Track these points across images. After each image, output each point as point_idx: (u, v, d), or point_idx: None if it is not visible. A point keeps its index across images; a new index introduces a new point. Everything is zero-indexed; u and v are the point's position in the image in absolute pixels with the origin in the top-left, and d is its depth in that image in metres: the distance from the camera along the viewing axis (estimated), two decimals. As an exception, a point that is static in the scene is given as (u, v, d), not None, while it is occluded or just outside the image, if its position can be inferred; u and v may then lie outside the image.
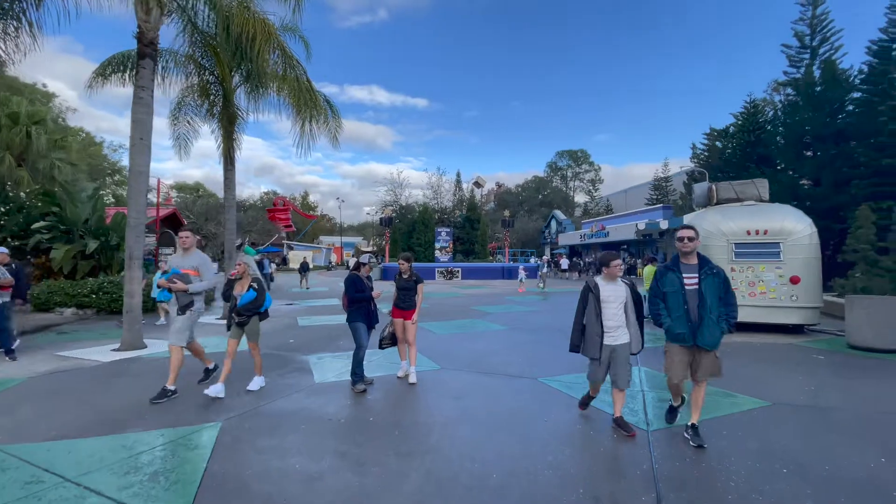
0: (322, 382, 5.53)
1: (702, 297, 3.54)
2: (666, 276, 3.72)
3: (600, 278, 4.00)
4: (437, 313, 11.92)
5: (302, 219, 54.24)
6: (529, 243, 53.01)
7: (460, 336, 8.72)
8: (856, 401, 4.73)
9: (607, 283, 3.92)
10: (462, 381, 5.53)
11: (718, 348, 3.58)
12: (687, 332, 3.56)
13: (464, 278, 27.06)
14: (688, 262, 3.68)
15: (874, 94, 18.24)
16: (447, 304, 14.44)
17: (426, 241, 31.12)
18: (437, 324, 10.08)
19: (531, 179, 73.80)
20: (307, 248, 43.63)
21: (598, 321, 3.84)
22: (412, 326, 5.61)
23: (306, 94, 9.86)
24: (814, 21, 22.77)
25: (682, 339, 3.58)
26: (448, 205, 36.75)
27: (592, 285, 3.94)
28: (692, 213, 10.52)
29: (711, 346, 3.53)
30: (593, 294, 3.90)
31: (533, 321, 10.76)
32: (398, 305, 5.69)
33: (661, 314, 3.70)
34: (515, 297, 16.76)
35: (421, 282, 5.69)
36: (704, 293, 3.54)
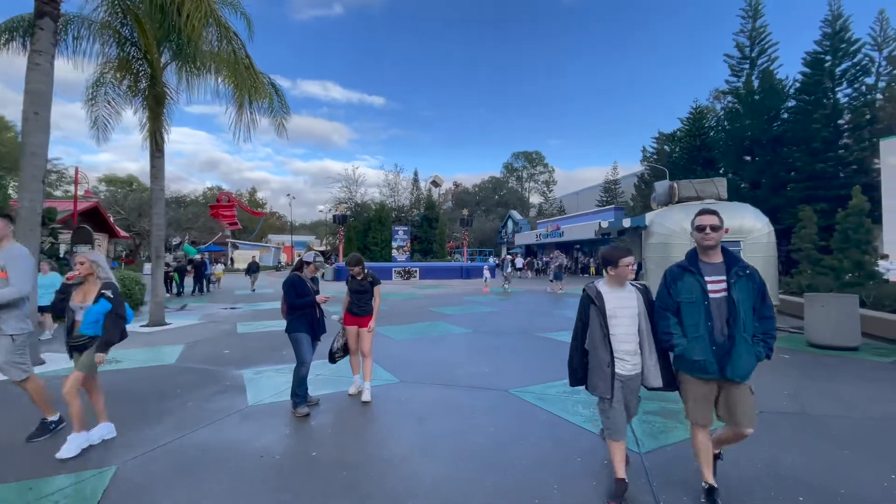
0: (257, 405, 4.63)
1: (732, 308, 2.54)
2: (681, 279, 2.69)
3: (603, 283, 2.89)
4: (395, 316, 11.14)
5: (249, 216, 51.31)
6: (487, 243, 53.16)
7: (420, 342, 8.01)
8: (840, 406, 4.50)
9: (614, 289, 2.83)
10: (424, 398, 4.83)
11: None
12: (710, 360, 2.55)
13: (422, 278, 26.34)
14: (710, 261, 2.68)
15: (808, 103, 19.49)
16: (405, 305, 13.68)
17: (383, 239, 30.10)
18: (395, 328, 9.32)
19: (488, 180, 74.27)
20: (254, 248, 41.10)
21: (605, 344, 2.74)
22: (368, 335, 4.85)
23: (245, 73, 8.75)
24: (753, 33, 24.05)
25: (703, 368, 2.57)
26: (405, 203, 35.85)
27: (594, 294, 2.83)
28: (654, 211, 10.43)
29: (744, 378, 2.55)
30: (596, 306, 2.79)
31: (495, 323, 10.25)
32: (351, 311, 4.92)
33: (672, 333, 2.65)
34: (476, 297, 16.28)
35: (377, 283, 4.95)
36: (737, 303, 2.53)
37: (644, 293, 2.86)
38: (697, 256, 2.73)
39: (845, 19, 18.10)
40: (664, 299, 2.76)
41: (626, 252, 2.81)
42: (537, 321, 10.48)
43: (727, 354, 2.53)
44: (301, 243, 52.34)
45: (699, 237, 2.72)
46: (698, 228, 2.72)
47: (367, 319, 4.86)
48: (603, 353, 2.74)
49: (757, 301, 2.60)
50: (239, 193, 67.60)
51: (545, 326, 9.58)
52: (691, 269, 2.69)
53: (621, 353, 2.75)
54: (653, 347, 2.77)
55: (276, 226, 71.17)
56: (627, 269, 2.80)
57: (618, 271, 2.81)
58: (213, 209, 44.39)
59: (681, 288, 2.68)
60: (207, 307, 13.80)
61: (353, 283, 4.92)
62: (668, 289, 2.75)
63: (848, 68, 18.24)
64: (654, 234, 9.63)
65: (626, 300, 2.81)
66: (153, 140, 10.58)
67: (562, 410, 4.35)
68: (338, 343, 4.98)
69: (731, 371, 2.52)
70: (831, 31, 18.34)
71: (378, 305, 4.95)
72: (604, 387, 2.72)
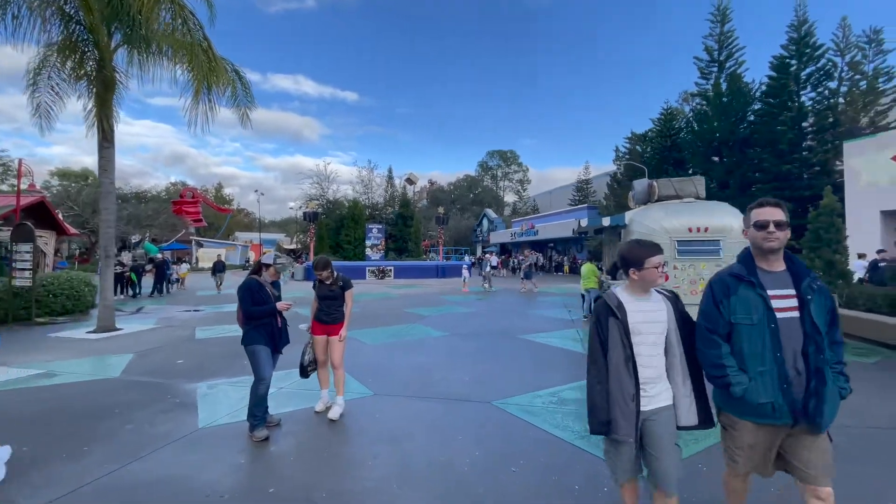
0: (209, 426, 4.07)
1: (811, 333, 1.90)
2: (735, 293, 2.00)
3: (622, 289, 2.21)
4: (369, 318, 10.61)
5: (215, 213, 49.23)
6: (462, 241, 52.93)
7: (395, 346, 7.54)
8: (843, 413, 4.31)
9: (637, 297, 2.15)
10: (400, 413, 4.38)
11: None
12: (780, 402, 1.90)
13: (397, 277, 25.77)
14: (771, 269, 2.01)
15: (775, 105, 20.03)
16: (379, 306, 13.14)
17: (356, 238, 29.31)
18: (368, 332, 8.80)
19: (463, 178, 74.10)
20: (220, 246, 39.37)
21: (628, 369, 2.06)
22: (338, 345, 4.36)
23: (202, 56, 8.03)
24: (721, 37, 24.59)
25: (769, 413, 1.92)
26: (380, 201, 35.10)
27: (614, 303, 2.13)
28: (634, 210, 10.29)
29: (828, 425, 1.92)
30: (617, 319, 2.09)
31: (474, 325, 9.88)
32: (319, 319, 4.41)
33: (726, 366, 1.96)
34: (453, 296, 15.89)
35: (349, 287, 4.46)
36: (817, 327, 1.90)
37: (674, 302, 2.21)
38: (754, 261, 2.04)
39: (810, 25, 18.68)
40: (713, 318, 2.02)
41: (653, 249, 2.10)
42: (516, 322, 10.18)
43: (808, 395, 1.88)
44: (270, 241, 50.64)
45: (760, 237, 1.97)
46: (759, 225, 1.97)
47: (337, 327, 4.37)
48: (626, 381, 2.03)
49: (830, 323, 1.97)
50: (204, 189, 64.85)
51: (525, 328, 9.28)
52: (750, 279, 1.97)
53: (647, 380, 2.08)
54: (686, 373, 2.12)
55: (244, 223, 68.76)
56: (656, 273, 2.06)
57: (643, 274, 2.08)
58: (177, 205, 42.20)
59: (735, 304, 1.98)
60: (166, 309, 12.87)
61: (322, 287, 4.42)
62: (719, 305, 2.01)
63: (812, 72, 18.83)
64: (633, 232, 9.47)
65: (653, 312, 2.12)
66: (101, 128, 9.65)
67: (551, 426, 3.99)
68: (308, 355, 4.47)
69: (813, 417, 1.86)
70: (797, 37, 18.89)
71: (350, 311, 4.47)
72: (626, 426, 2.01)
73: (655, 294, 2.19)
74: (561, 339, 8.07)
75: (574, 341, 7.95)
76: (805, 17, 18.83)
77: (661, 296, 2.21)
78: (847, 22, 18.03)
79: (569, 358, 6.73)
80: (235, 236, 53.97)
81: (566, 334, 8.63)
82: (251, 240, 46.78)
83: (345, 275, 4.56)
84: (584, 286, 10.82)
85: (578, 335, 8.56)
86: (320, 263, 4.36)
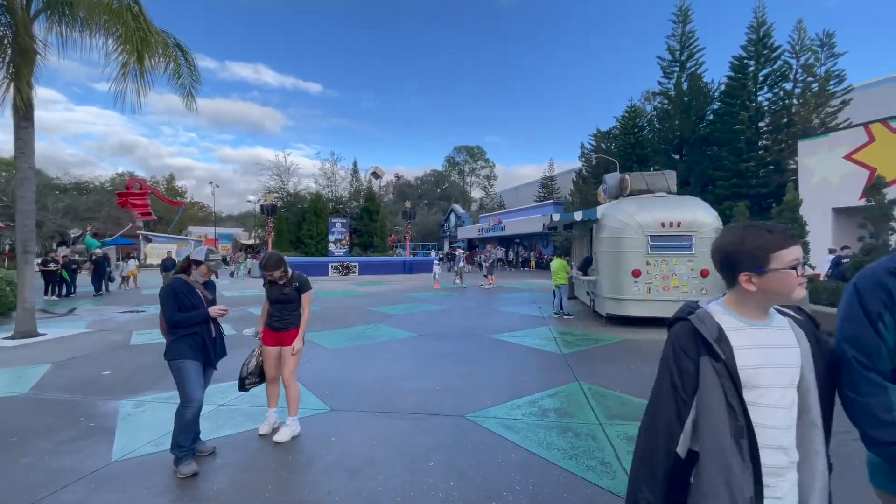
0: (126, 458, 3.35)
1: None
2: None
3: (720, 307, 1.31)
4: (329, 318, 9.89)
5: (166, 206, 46.32)
6: (429, 236, 52.36)
7: (358, 350, 6.92)
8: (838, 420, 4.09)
9: (751, 322, 1.26)
10: (361, 433, 3.80)
11: None
12: None
13: (361, 274, 24.90)
14: None
15: (733, 105, 20.60)
16: (342, 305, 12.40)
17: (318, 232, 28.10)
18: (328, 334, 8.12)
19: (430, 173, 73.33)
20: (170, 241, 36.89)
21: (741, 452, 1.14)
22: (292, 359, 3.71)
23: (132, 23, 7.05)
24: (683, 38, 25.07)
25: None
26: (344, 194, 33.88)
27: (712, 334, 1.22)
28: (606, 204, 10.09)
29: None
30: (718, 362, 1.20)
31: (443, 324, 9.37)
32: (271, 325, 3.76)
33: None
34: (420, 293, 15.33)
35: (306, 289, 3.80)
36: None
37: (808, 328, 1.29)
38: None
39: (768, 26, 19.27)
40: (868, 346, 1.23)
41: (783, 236, 1.20)
42: (487, 320, 9.76)
43: None
44: (227, 236, 48.17)
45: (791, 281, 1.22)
46: None
47: (291, 335, 3.73)
48: (738, 475, 1.13)
49: None
50: (154, 181, 61.06)
51: (496, 326, 8.87)
52: None
53: (771, 469, 1.19)
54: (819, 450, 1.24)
55: (198, 217, 65.21)
56: (792, 279, 1.19)
57: (768, 281, 1.20)
58: (122, 197, 39.30)
59: None
60: (103, 311, 11.62)
61: (273, 289, 3.77)
62: (875, 323, 1.22)
63: (769, 73, 19.46)
64: (605, 227, 9.26)
65: (779, 348, 1.23)
66: (17, 105, 8.41)
67: (534, 443, 3.54)
68: (252, 364, 3.81)
69: None
70: (755, 38, 19.47)
71: (307, 318, 3.83)
72: None
73: (777, 316, 1.29)
74: (534, 339, 7.70)
75: (547, 340, 7.59)
76: (763, 18, 19.43)
77: (787, 318, 1.30)
78: (803, 25, 18.72)
79: (544, 359, 6.34)
80: (189, 231, 51.01)
81: (539, 333, 8.28)
82: (206, 234, 44.29)
83: (302, 273, 3.91)
84: (555, 282, 10.54)
85: (551, 333, 8.23)
86: (271, 261, 3.68)
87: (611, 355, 6.55)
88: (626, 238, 8.86)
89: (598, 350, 6.88)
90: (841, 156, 14.74)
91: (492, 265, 18.21)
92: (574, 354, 6.58)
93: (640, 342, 7.43)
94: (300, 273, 3.88)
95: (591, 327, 8.85)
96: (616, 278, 8.86)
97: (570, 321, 9.62)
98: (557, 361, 6.18)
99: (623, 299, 8.76)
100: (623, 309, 8.78)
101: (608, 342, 7.43)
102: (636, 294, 8.66)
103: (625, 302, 8.75)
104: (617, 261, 8.90)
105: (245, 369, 3.79)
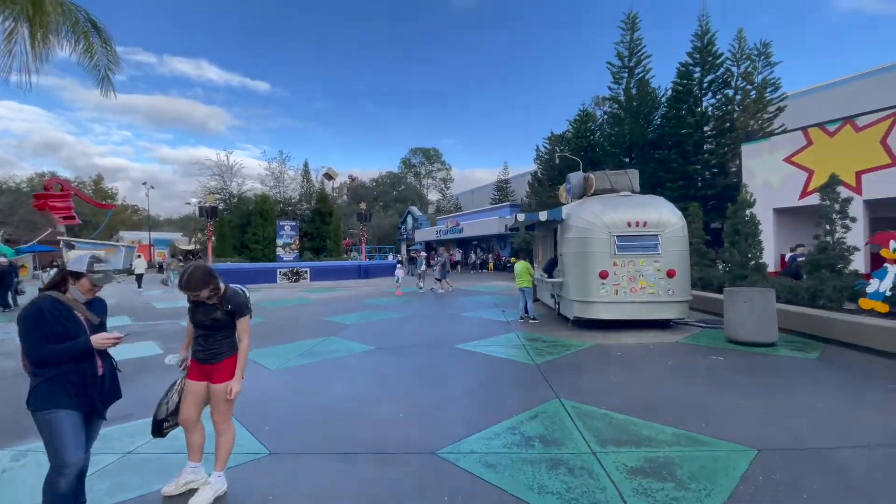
0: (-38, 555, 2.38)
1: None
2: None
3: None
4: (275, 331, 8.86)
5: (94, 209, 42.07)
6: (386, 239, 51.17)
7: (307, 370, 6.04)
8: (833, 430, 3.79)
9: None
10: (308, 485, 3.02)
11: None
12: None
13: (313, 279, 23.51)
14: None
15: (681, 109, 21.35)
16: (290, 315, 11.32)
17: (265, 236, 26.30)
18: (272, 350, 7.15)
19: (386, 175, 71.99)
20: (97, 246, 33.36)
21: None
22: (224, 405, 2.88)
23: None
24: (631, 44, 25.83)
25: None
26: (294, 195, 32.08)
27: None
28: (571, 204, 9.77)
29: None
30: None
31: (404, 334, 8.63)
32: (196, 356, 2.91)
33: None
34: (378, 299, 14.45)
35: (244, 314, 2.93)
36: None
37: None
38: None
39: (712, 34, 20.12)
40: None
41: None
42: (451, 328, 9.13)
43: None
44: (164, 241, 44.52)
45: None
46: None
47: (223, 370, 2.88)
48: None
49: None
50: (80, 182, 55.61)
51: (461, 335, 8.24)
52: None
53: None
54: None
55: (132, 221, 60.19)
56: None
57: None
58: (40, 199, 35.02)
59: None
60: (7, 328, 9.87)
61: (199, 312, 2.89)
62: None
63: (713, 80, 20.33)
64: (572, 227, 8.91)
65: None
66: None
67: (523, 487, 2.92)
68: (173, 402, 2.94)
69: None
70: (700, 45, 20.28)
71: (246, 351, 2.96)
72: None
73: None
74: (503, 348, 7.15)
75: (517, 349, 7.06)
76: (708, 27, 20.27)
77: None
78: (742, 34, 19.71)
79: (517, 372, 5.78)
80: (120, 236, 46.70)
81: (507, 340, 7.74)
82: (139, 240, 40.65)
83: (239, 290, 3.04)
84: (518, 285, 10.10)
85: (519, 340, 7.73)
86: (193, 280, 2.77)
87: (585, 364, 6.11)
88: (593, 238, 8.54)
89: (572, 358, 6.43)
90: (781, 158, 15.47)
91: (444, 268, 17.23)
92: (547, 364, 6.07)
93: (611, 347, 7.07)
94: (236, 290, 3.00)
95: (558, 332, 8.44)
96: (583, 280, 8.52)
97: (536, 325, 9.19)
98: (531, 374, 5.64)
99: (591, 302, 8.43)
100: (591, 312, 8.45)
101: (579, 348, 7.02)
102: (604, 296, 8.35)
103: (593, 304, 8.42)
104: (584, 262, 8.56)
105: (163, 409, 2.92)
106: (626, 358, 6.39)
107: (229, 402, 2.87)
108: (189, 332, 3.02)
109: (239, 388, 2.86)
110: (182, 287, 2.81)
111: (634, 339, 7.58)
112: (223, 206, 28.99)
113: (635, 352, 6.75)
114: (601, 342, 7.42)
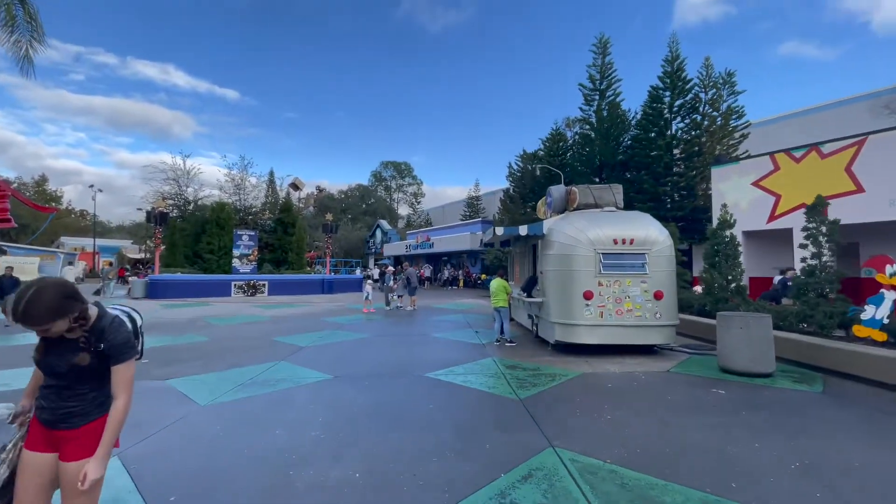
0: None
1: None
2: None
3: None
4: (216, 354, 7.66)
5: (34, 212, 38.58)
6: (353, 252, 49.62)
7: (245, 406, 4.96)
8: (866, 481, 3.14)
9: None
10: None
11: None
12: None
13: (272, 294, 21.96)
14: None
15: (652, 132, 21.65)
16: (237, 335, 10.05)
17: (221, 246, 24.49)
18: (207, 379, 6.01)
19: (355, 187, 70.61)
20: (32, 253, 30.25)
21: None
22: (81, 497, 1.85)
23: None
24: (603, 67, 26.27)
25: None
26: (255, 204, 30.34)
27: None
28: (553, 219, 9.15)
29: None
30: None
31: (366, 359, 7.63)
32: (42, 417, 1.91)
33: None
34: (339, 317, 13.31)
35: (125, 358, 1.92)
36: None
37: None
38: None
39: (681, 60, 20.60)
40: None
41: None
42: (419, 352, 8.20)
43: None
44: (111, 248, 41.25)
45: None
46: None
47: (80, 440, 1.89)
48: None
49: None
50: (21, 183, 51.28)
51: (432, 361, 7.33)
52: None
53: None
54: None
55: (78, 226, 55.90)
56: None
57: None
58: (-33, 199, 31.74)
59: None
60: None
61: (51, 354, 1.90)
62: None
63: (682, 104, 20.74)
64: (554, 243, 8.27)
65: None
66: None
67: None
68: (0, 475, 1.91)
69: None
70: (671, 70, 20.71)
71: (121, 414, 1.91)
72: None
73: None
74: (480, 377, 6.30)
75: (496, 379, 6.23)
76: (678, 52, 20.74)
77: None
78: (710, 62, 20.26)
79: (499, 410, 4.93)
80: (61, 242, 42.99)
81: (484, 368, 6.90)
82: (82, 246, 37.43)
83: (124, 323, 2.02)
84: (494, 304, 9.31)
85: (497, 368, 6.90)
86: (35, 306, 1.74)
87: (575, 398, 5.34)
88: (576, 256, 7.92)
89: (558, 391, 5.65)
90: (749, 182, 15.65)
91: (410, 283, 15.88)
92: (533, 399, 5.26)
93: (601, 377, 6.36)
94: (118, 320, 2.00)
95: (539, 357, 7.69)
96: (566, 301, 7.85)
97: (514, 349, 8.41)
98: (516, 412, 4.81)
99: (574, 324, 7.75)
100: (574, 336, 7.76)
101: (566, 378, 6.26)
102: (588, 319, 7.69)
103: (576, 327, 7.74)
104: (567, 281, 7.91)
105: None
106: (618, 391, 5.68)
107: (88, 495, 1.87)
108: (36, 376, 2.02)
109: (98, 474, 1.82)
110: (17, 317, 1.78)
111: (620, 368, 6.91)
112: (176, 213, 26.97)
113: (626, 383, 6.06)
114: (587, 370, 6.70)
